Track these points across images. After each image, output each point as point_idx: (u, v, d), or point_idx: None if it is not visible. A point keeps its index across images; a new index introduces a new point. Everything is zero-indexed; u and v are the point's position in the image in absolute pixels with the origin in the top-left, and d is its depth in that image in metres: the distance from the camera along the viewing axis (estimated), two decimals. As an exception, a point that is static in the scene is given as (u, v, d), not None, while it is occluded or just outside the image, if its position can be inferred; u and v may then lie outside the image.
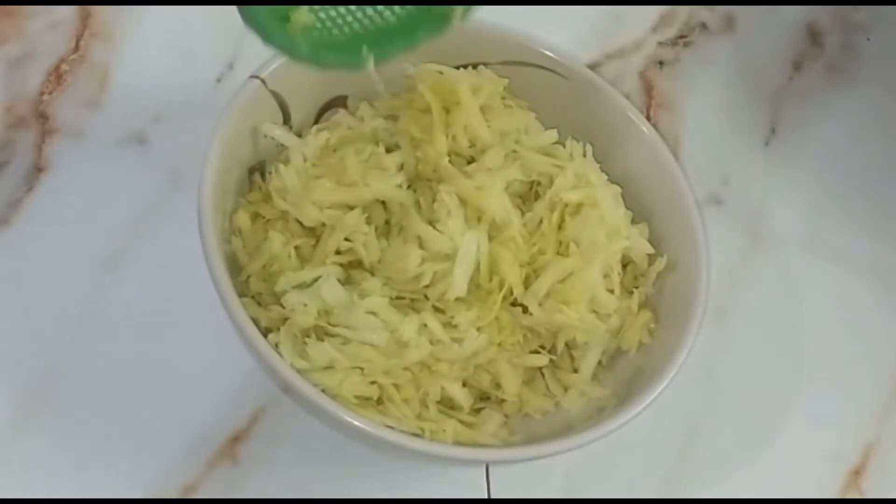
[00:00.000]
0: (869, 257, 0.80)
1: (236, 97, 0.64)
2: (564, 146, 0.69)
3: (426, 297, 0.62)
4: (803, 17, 0.89)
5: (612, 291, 0.66)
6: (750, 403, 0.73)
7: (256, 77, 0.64)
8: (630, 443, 0.63)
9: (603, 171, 0.70)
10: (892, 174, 0.84)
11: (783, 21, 0.89)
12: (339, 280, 0.62)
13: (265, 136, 0.65)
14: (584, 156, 0.69)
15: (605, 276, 0.65)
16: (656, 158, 0.69)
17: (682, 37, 0.87)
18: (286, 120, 0.67)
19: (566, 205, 0.65)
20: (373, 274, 0.63)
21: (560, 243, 0.64)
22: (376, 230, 0.63)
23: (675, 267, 0.67)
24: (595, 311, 0.65)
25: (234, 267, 0.63)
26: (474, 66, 0.69)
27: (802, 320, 0.77)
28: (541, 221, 0.65)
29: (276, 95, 0.66)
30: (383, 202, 0.64)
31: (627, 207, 0.69)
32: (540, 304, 0.63)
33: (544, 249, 0.64)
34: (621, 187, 0.69)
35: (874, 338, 0.77)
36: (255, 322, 0.59)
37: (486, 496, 0.67)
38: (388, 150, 0.65)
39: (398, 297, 0.62)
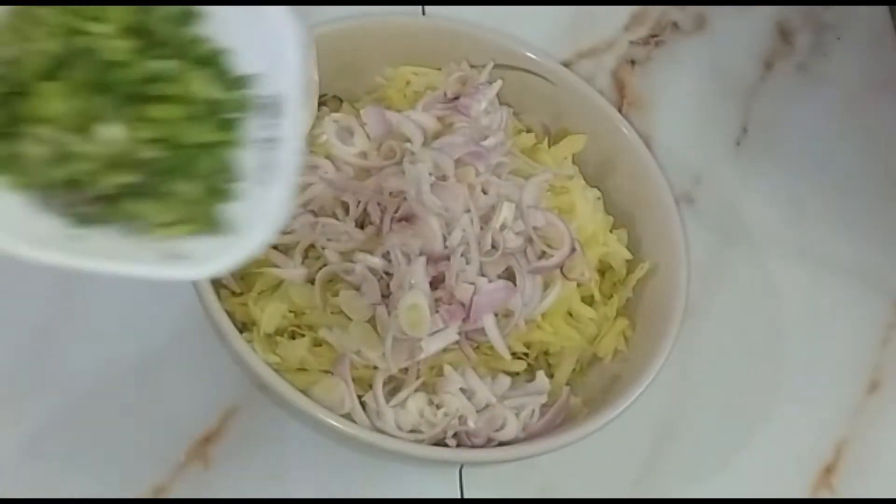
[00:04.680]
0: (841, 256, 0.80)
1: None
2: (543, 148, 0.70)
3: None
4: (774, 17, 0.90)
5: (590, 297, 0.66)
6: (722, 402, 0.74)
7: None
8: (604, 443, 0.63)
9: (583, 174, 0.70)
10: (863, 173, 0.84)
11: (754, 21, 0.89)
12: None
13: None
14: (564, 159, 0.70)
15: (580, 284, 0.65)
16: (638, 164, 0.69)
17: (653, 36, 0.87)
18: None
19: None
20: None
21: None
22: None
23: (654, 273, 0.67)
24: (571, 322, 0.65)
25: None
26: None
27: (775, 319, 0.77)
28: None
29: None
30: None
31: (607, 212, 0.70)
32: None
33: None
34: (601, 191, 0.70)
35: (846, 336, 0.78)
36: (231, 317, 0.59)
37: (459, 496, 0.67)
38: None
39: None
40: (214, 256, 0.43)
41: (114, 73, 0.40)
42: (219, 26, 0.43)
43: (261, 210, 0.44)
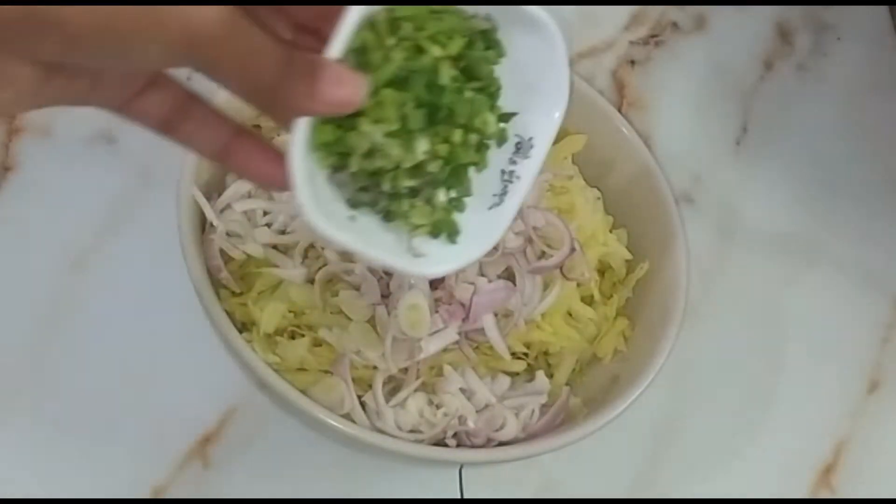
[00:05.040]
0: (840, 255, 0.80)
1: (219, 91, 0.63)
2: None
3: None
4: (774, 17, 0.90)
5: (590, 297, 0.66)
6: (722, 402, 0.74)
7: None
8: (604, 443, 0.63)
9: (583, 174, 0.70)
10: (862, 173, 0.84)
11: (754, 21, 0.89)
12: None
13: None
14: (564, 159, 0.70)
15: (580, 283, 0.65)
16: (638, 164, 0.69)
17: (653, 36, 0.87)
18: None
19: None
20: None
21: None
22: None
23: (654, 273, 0.67)
24: (571, 322, 0.65)
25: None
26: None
27: (774, 319, 0.77)
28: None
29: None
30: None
31: (607, 212, 0.69)
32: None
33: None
34: (601, 191, 0.70)
35: (846, 336, 0.78)
36: (231, 317, 0.59)
37: (459, 496, 0.67)
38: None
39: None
40: (442, 260, 0.49)
41: (441, 97, 0.45)
42: (511, 66, 0.48)
43: (484, 227, 0.50)
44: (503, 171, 0.50)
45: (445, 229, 0.49)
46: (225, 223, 0.62)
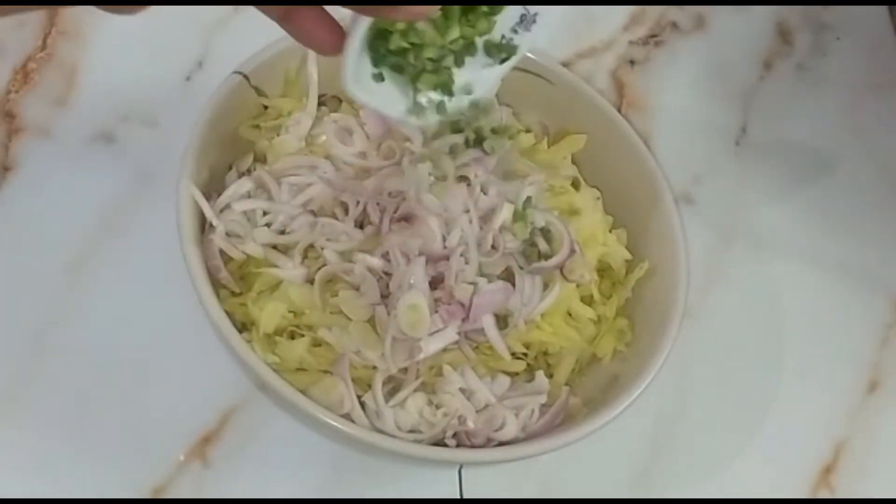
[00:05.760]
0: (840, 256, 0.80)
1: (218, 92, 0.63)
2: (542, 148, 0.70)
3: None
4: (774, 17, 0.90)
5: (589, 297, 0.66)
6: (722, 402, 0.74)
7: (239, 73, 0.64)
8: (603, 443, 0.63)
9: (582, 174, 0.70)
10: (863, 173, 0.84)
11: (754, 21, 0.89)
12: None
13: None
14: (564, 159, 0.70)
15: (579, 285, 0.65)
16: (638, 164, 0.69)
17: (653, 36, 0.87)
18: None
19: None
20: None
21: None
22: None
23: (654, 273, 0.67)
24: (570, 322, 0.65)
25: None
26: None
27: (774, 319, 0.77)
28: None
29: (258, 91, 0.66)
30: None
31: (607, 212, 0.69)
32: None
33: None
34: (601, 191, 0.70)
35: (846, 336, 0.78)
36: (230, 317, 0.59)
37: (458, 496, 0.67)
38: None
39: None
40: (440, 110, 0.55)
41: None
42: None
43: (477, 83, 0.56)
44: (503, 37, 0.56)
45: (443, 86, 0.55)
46: (224, 223, 0.62)
